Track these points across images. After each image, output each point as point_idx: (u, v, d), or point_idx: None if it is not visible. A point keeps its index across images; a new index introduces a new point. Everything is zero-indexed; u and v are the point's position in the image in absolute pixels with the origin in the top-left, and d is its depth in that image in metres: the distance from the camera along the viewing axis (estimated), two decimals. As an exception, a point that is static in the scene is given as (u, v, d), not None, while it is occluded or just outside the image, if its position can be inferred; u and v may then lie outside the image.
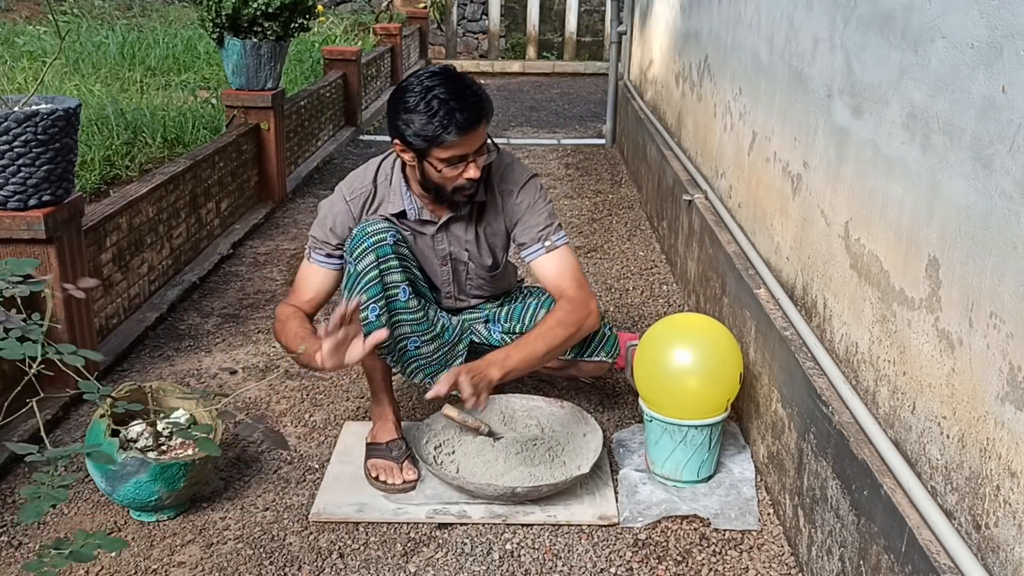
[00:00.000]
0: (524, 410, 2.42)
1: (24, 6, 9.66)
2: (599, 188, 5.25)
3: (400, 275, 2.14)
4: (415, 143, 2.02)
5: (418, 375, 2.28)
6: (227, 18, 4.18)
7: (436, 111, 1.97)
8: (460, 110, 1.98)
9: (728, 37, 3.14)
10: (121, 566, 1.91)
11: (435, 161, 2.04)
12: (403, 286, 2.15)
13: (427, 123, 1.98)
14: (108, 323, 2.94)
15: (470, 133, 2.00)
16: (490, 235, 2.30)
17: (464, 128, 1.98)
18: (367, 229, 2.13)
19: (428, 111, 1.98)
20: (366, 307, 2.11)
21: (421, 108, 1.98)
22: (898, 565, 1.47)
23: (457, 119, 1.97)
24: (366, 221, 2.17)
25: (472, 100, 2.01)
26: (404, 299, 2.16)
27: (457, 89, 2.01)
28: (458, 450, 2.27)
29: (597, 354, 2.39)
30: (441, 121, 1.97)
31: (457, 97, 1.99)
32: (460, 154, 2.02)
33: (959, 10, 1.43)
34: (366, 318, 2.11)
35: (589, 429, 2.29)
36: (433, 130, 1.98)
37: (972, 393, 1.36)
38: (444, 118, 1.97)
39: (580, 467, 2.16)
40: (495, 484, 2.07)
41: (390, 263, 2.13)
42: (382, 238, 2.12)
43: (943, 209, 1.47)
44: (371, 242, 2.11)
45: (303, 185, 5.14)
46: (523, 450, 2.26)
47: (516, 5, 11.90)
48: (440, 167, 2.04)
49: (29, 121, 2.24)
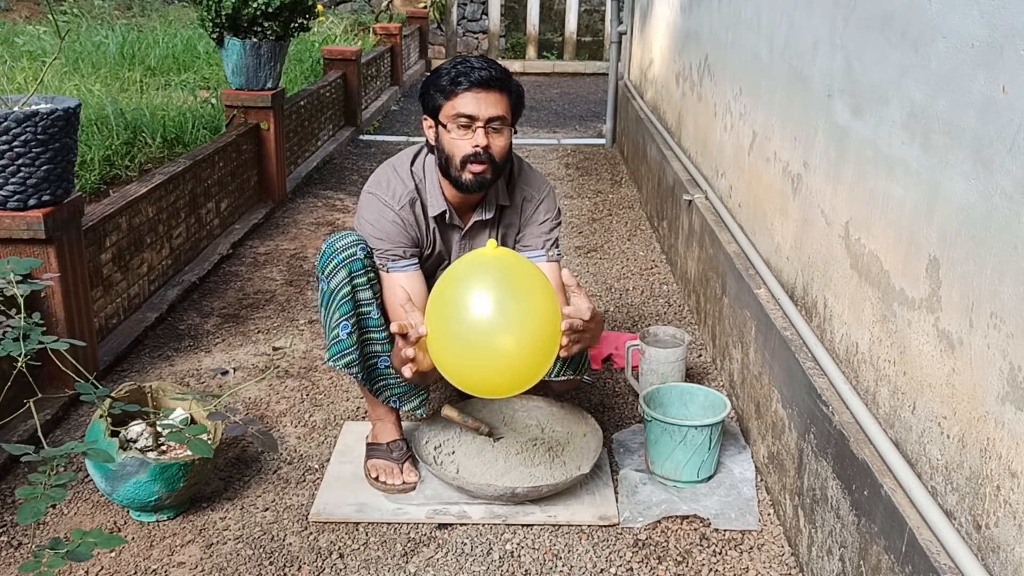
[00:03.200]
0: (524, 410, 2.42)
1: (24, 6, 9.67)
2: (599, 188, 5.24)
3: (370, 292, 2.11)
4: (435, 101, 2.06)
5: (384, 393, 2.22)
6: (227, 18, 4.18)
7: (455, 67, 2.06)
8: (479, 68, 2.04)
9: (728, 37, 3.14)
10: (121, 566, 1.90)
11: (447, 120, 2.05)
12: (375, 303, 2.12)
13: (444, 76, 2.05)
14: (108, 323, 2.94)
15: (483, 91, 2.02)
16: (508, 237, 2.30)
17: (477, 83, 2.02)
18: (336, 244, 2.09)
19: (449, 72, 2.05)
20: (337, 325, 2.09)
21: (445, 66, 2.08)
22: (898, 565, 1.47)
23: (472, 74, 2.02)
24: (335, 235, 2.14)
25: (494, 68, 2.06)
26: (376, 317, 2.13)
27: (483, 61, 2.08)
28: (458, 450, 2.27)
29: (564, 372, 2.28)
30: (458, 72, 2.03)
31: (479, 63, 2.06)
32: (469, 113, 2.02)
33: (959, 10, 1.43)
34: (337, 336, 2.09)
35: (589, 429, 2.29)
36: (448, 82, 2.03)
37: (972, 393, 1.36)
38: (461, 71, 2.04)
39: (580, 467, 2.16)
40: (495, 484, 2.07)
41: (361, 279, 2.09)
42: (352, 253, 2.08)
43: (943, 209, 1.47)
44: (341, 258, 2.07)
45: (303, 185, 5.14)
46: (523, 450, 2.26)
47: (516, 5, 11.90)
48: (451, 127, 2.04)
49: (29, 121, 2.24)
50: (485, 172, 2.05)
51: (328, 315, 2.11)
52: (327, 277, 2.09)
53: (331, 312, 2.10)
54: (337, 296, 2.08)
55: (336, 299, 2.08)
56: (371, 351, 2.16)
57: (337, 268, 2.08)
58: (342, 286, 2.08)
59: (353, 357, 2.11)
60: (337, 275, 2.08)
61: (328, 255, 2.10)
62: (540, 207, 2.26)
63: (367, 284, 2.10)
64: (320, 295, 2.13)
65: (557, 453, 2.26)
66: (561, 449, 2.28)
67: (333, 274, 2.08)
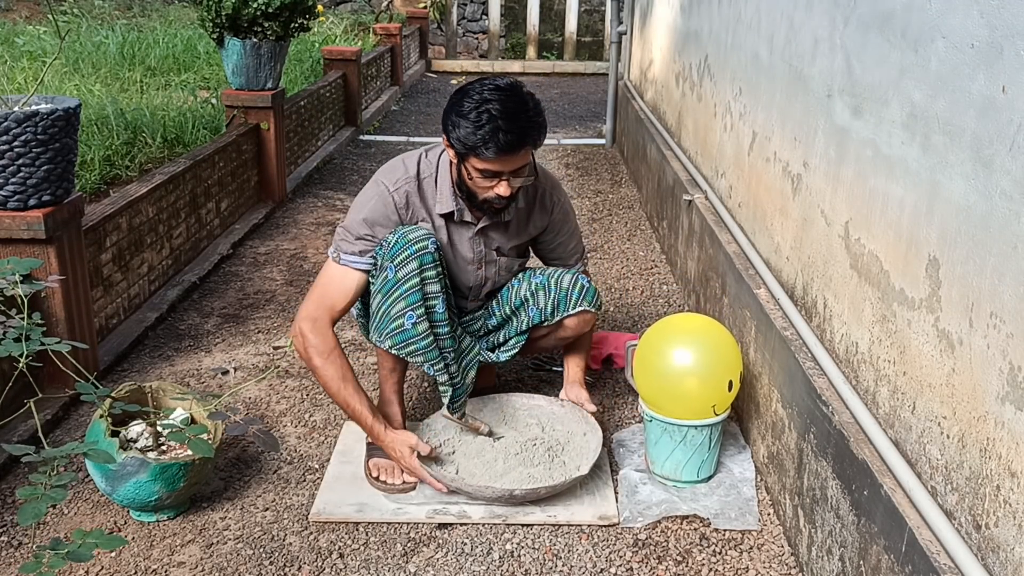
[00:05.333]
0: (525, 409, 2.41)
1: (24, 6, 9.67)
2: (599, 188, 5.25)
3: (439, 286, 2.14)
4: (456, 147, 2.04)
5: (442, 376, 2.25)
6: (227, 18, 4.18)
7: (483, 124, 1.98)
8: (506, 131, 1.97)
9: (728, 37, 3.14)
10: (121, 566, 1.91)
11: (470, 168, 2.06)
12: (441, 297, 2.15)
13: (471, 133, 1.99)
14: (108, 323, 2.94)
15: (509, 155, 2.01)
16: (527, 232, 2.35)
17: (504, 149, 1.99)
18: (409, 236, 2.11)
19: (476, 122, 1.98)
20: (402, 314, 2.11)
21: (472, 116, 1.99)
22: (898, 565, 1.47)
23: (499, 139, 1.97)
24: (407, 227, 2.15)
25: (523, 124, 2.00)
26: (441, 311, 2.16)
27: (512, 109, 2.00)
28: (458, 450, 2.27)
29: (580, 303, 2.35)
30: (484, 136, 1.97)
31: (508, 117, 1.98)
32: (495, 170, 2.03)
33: (959, 10, 1.43)
34: (401, 325, 2.12)
35: (589, 429, 2.29)
36: (474, 142, 1.99)
37: (972, 393, 1.36)
38: (488, 134, 1.97)
39: (580, 468, 2.16)
40: (493, 486, 2.07)
41: (431, 272, 2.12)
42: (424, 246, 2.10)
43: (943, 209, 1.47)
44: (414, 249, 2.09)
45: (303, 185, 5.14)
46: (522, 450, 2.25)
47: (516, 5, 11.90)
48: (474, 175, 2.07)
49: (29, 121, 2.24)
50: (503, 206, 2.17)
51: (387, 303, 2.12)
52: (396, 266, 2.10)
53: (392, 300, 2.11)
54: (403, 286, 2.10)
55: (401, 288, 2.10)
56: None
57: (409, 259, 2.09)
58: (410, 277, 2.09)
59: (418, 346, 2.14)
60: (408, 265, 2.09)
61: (401, 245, 2.10)
62: (564, 209, 2.39)
63: (436, 277, 2.13)
64: (381, 282, 2.13)
65: (557, 453, 2.26)
66: (561, 449, 2.28)
67: (403, 264, 2.09)
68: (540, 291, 2.36)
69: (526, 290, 2.37)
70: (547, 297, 2.35)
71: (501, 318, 2.43)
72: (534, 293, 2.36)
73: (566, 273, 2.38)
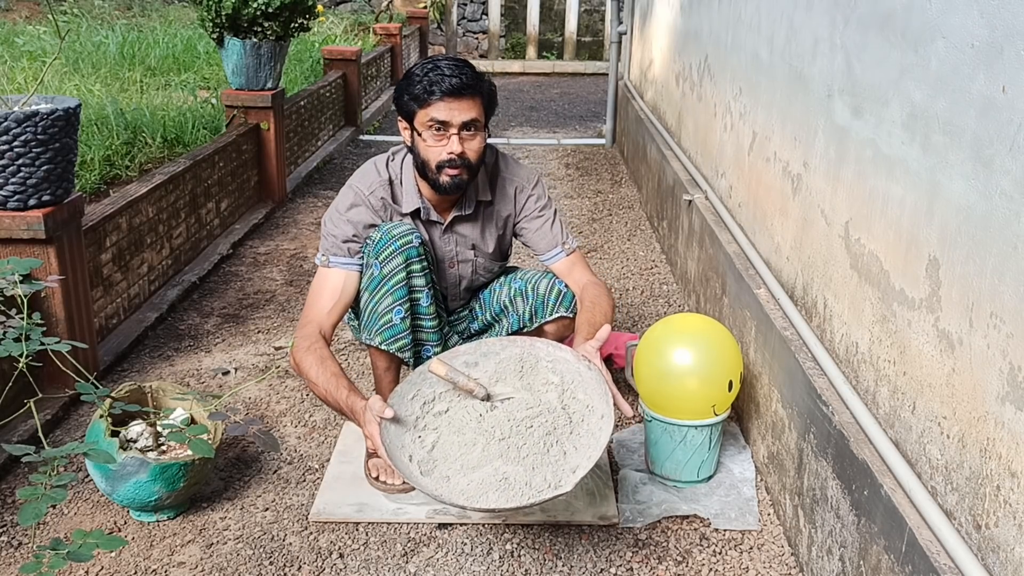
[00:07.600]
0: (549, 361, 2.03)
1: (24, 6, 9.67)
2: (599, 188, 5.25)
3: (424, 279, 2.15)
4: (407, 109, 2.09)
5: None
6: (227, 18, 4.18)
7: (427, 73, 2.07)
8: (449, 76, 2.05)
9: (728, 37, 3.14)
10: (121, 566, 1.91)
11: (421, 127, 2.08)
12: (426, 291, 2.16)
13: (416, 83, 2.07)
14: (108, 323, 2.94)
15: (455, 99, 2.04)
16: (499, 230, 2.34)
17: (448, 92, 2.03)
18: (393, 231, 2.12)
19: (420, 72, 2.08)
20: (390, 309, 2.12)
21: (416, 71, 2.09)
22: (898, 565, 1.47)
23: (443, 83, 2.04)
24: (391, 223, 2.16)
25: (466, 72, 2.07)
26: (426, 304, 2.17)
27: (455, 63, 2.09)
28: (451, 409, 1.99)
29: (557, 310, 2.30)
30: (428, 82, 2.05)
31: (451, 66, 2.07)
32: (443, 119, 2.05)
33: (959, 10, 1.43)
34: (390, 320, 2.12)
35: (608, 412, 1.88)
36: (419, 91, 2.06)
37: (972, 393, 1.36)
38: (432, 78, 2.05)
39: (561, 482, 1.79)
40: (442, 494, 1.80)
41: (417, 267, 2.13)
42: (408, 241, 2.11)
43: (943, 209, 1.47)
44: (398, 244, 2.10)
45: (303, 185, 5.14)
46: (511, 434, 1.89)
47: (516, 5, 11.90)
48: (425, 135, 2.08)
49: (29, 121, 2.24)
50: (461, 175, 2.12)
51: (375, 299, 2.13)
52: (381, 262, 2.11)
53: (381, 297, 2.12)
54: (390, 281, 2.11)
55: (388, 284, 2.11)
56: (418, 338, 2.20)
57: (394, 254, 2.10)
58: (397, 272, 2.11)
59: (406, 342, 2.15)
60: (393, 260, 2.10)
61: (385, 241, 2.11)
62: (532, 195, 2.34)
63: (422, 272, 2.14)
64: (367, 280, 2.15)
65: (558, 439, 1.88)
66: (568, 432, 1.90)
67: (388, 260, 2.11)
68: (518, 297, 2.35)
69: (505, 296, 2.37)
70: (525, 304, 2.34)
71: (483, 323, 2.44)
72: (512, 300, 2.36)
73: (543, 278, 2.34)
